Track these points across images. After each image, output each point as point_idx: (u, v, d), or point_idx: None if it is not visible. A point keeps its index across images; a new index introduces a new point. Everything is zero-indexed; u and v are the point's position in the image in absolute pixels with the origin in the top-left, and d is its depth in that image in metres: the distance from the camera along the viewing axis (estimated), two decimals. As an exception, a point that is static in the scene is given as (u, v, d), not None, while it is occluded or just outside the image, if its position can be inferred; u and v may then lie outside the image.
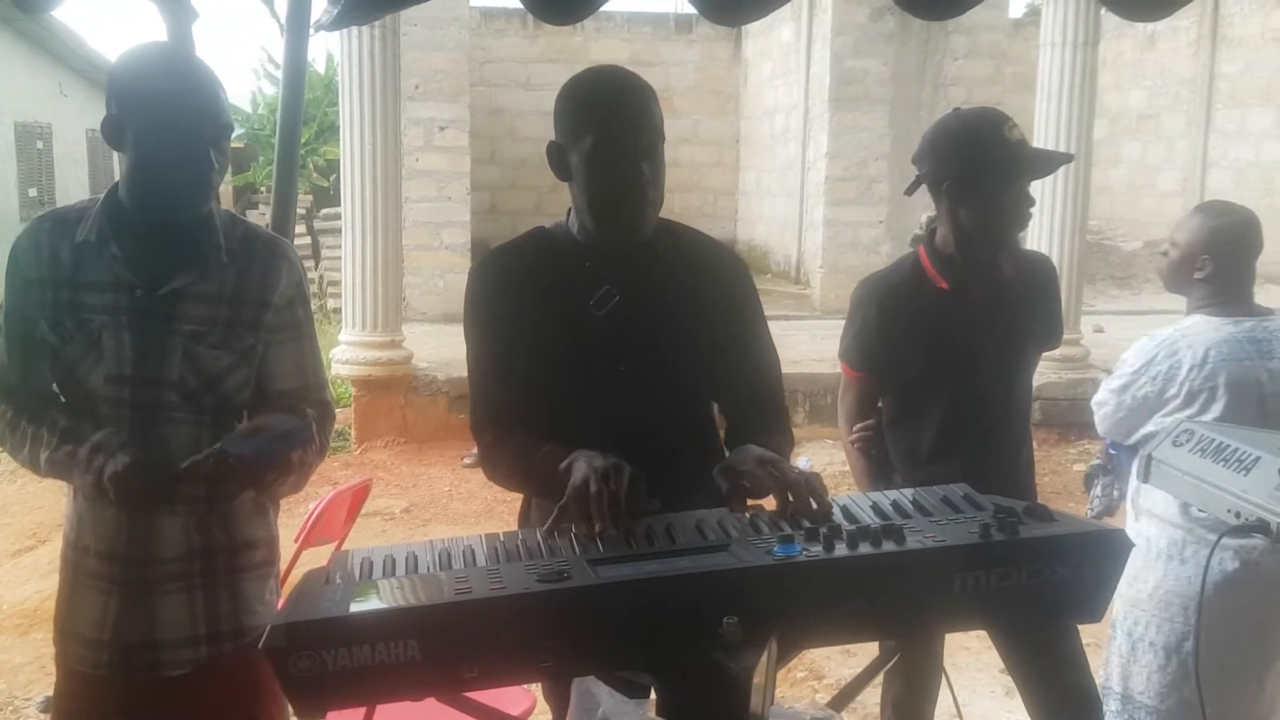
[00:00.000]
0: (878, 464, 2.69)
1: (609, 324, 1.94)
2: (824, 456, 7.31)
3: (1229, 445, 2.10)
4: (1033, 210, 2.53)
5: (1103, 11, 7.49)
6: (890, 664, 1.87)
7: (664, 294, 1.97)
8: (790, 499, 1.69)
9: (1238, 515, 1.97)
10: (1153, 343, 2.85)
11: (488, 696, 1.67)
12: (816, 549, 1.49)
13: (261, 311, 1.96)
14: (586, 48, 13.14)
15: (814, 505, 1.67)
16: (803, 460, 7.40)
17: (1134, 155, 13.98)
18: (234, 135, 2.18)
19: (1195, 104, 12.99)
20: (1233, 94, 12.51)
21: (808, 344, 8.11)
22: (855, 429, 2.71)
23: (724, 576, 1.44)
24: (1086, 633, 2.43)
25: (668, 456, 1.81)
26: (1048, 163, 2.54)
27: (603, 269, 1.96)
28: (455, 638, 1.37)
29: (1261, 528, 1.88)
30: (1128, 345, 2.96)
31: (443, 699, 1.52)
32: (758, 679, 1.34)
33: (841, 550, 1.48)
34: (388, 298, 7.64)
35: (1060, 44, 7.34)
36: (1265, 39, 11.97)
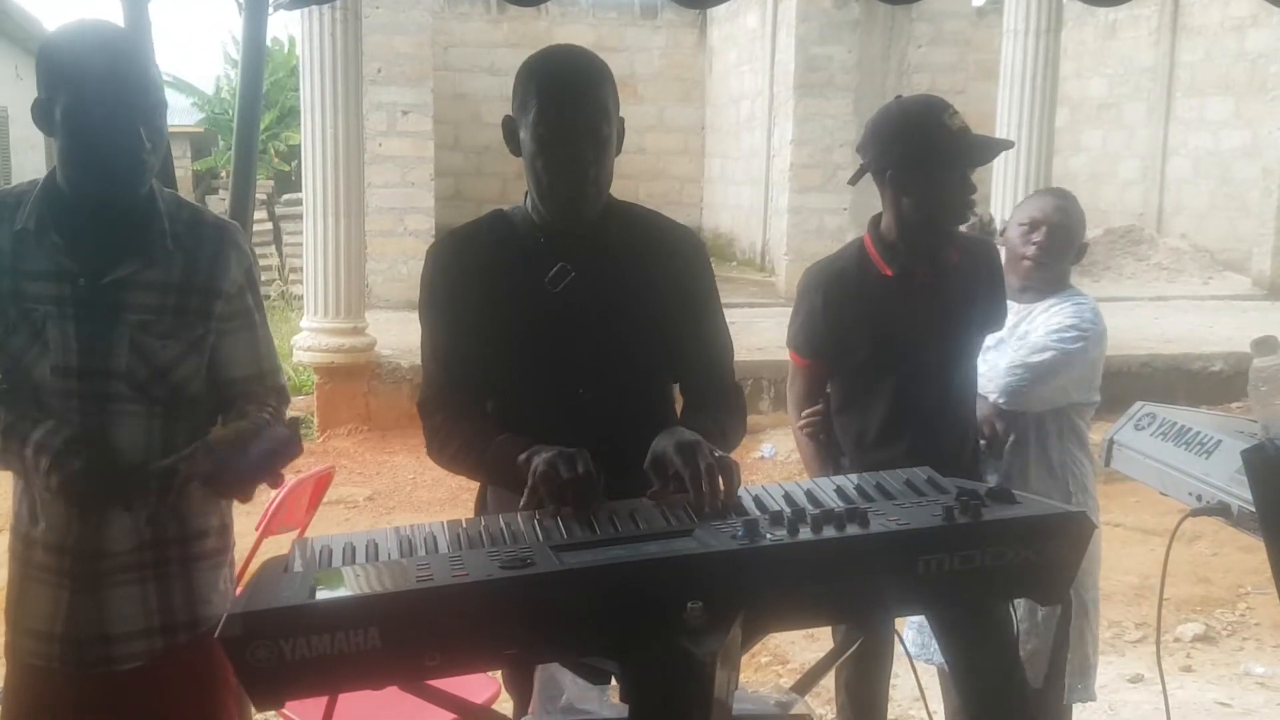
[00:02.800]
0: (826, 449, 2.73)
1: (565, 301, 1.93)
2: (788, 444, 7.32)
3: (1190, 429, 2.13)
4: (975, 198, 2.57)
5: (1064, 0, 7.57)
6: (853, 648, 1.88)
7: (619, 272, 1.96)
8: (696, 484, 1.66)
9: (1199, 498, 1.99)
10: (1089, 308, 2.94)
11: (451, 684, 1.65)
12: (781, 533, 1.48)
13: (212, 300, 1.91)
14: (551, 33, 13.05)
15: (720, 492, 1.65)
16: (766, 447, 7.42)
17: (1095, 143, 14.09)
18: (197, 120, 2.13)
19: (1155, 92, 13.10)
20: (1192, 83, 12.63)
21: (773, 331, 8.09)
22: (804, 415, 2.75)
23: (688, 561, 1.43)
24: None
25: (625, 434, 1.80)
26: (988, 149, 2.56)
27: (558, 246, 1.95)
28: (417, 626, 1.35)
29: (1222, 510, 1.91)
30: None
31: (404, 687, 1.50)
32: (722, 663, 1.33)
33: (806, 534, 1.48)
34: (350, 284, 7.57)
35: (1023, 31, 7.39)
36: (1225, 28, 12.08)
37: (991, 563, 1.49)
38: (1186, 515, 2.00)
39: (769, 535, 1.48)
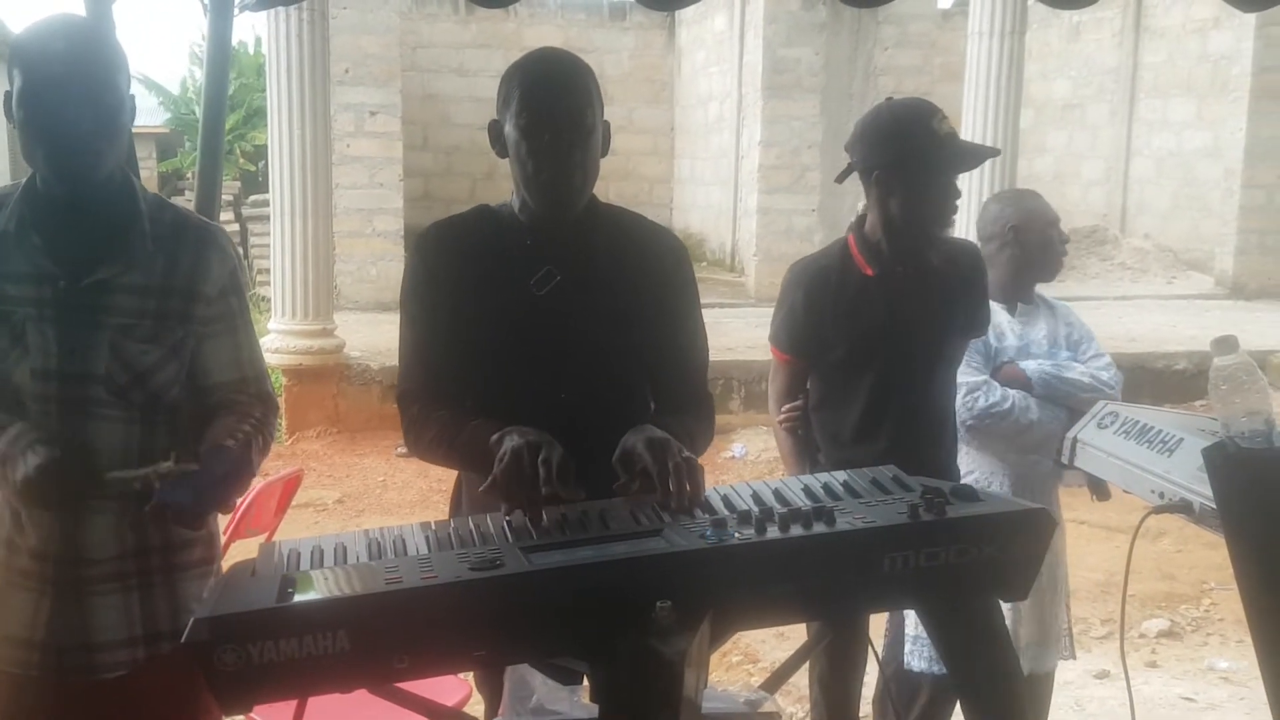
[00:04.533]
0: (804, 444, 2.74)
1: (549, 304, 1.93)
2: (759, 443, 7.36)
3: (1153, 427, 2.15)
4: (959, 203, 2.59)
5: (1030, 1, 7.63)
6: (821, 645, 1.89)
7: (605, 275, 1.97)
8: (664, 481, 1.66)
9: (1161, 495, 2.02)
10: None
11: (421, 686, 1.65)
12: (749, 532, 1.49)
13: (192, 303, 1.88)
14: (520, 34, 13.03)
15: (684, 491, 1.65)
16: (737, 447, 7.45)
17: (1059, 144, 14.23)
18: (163, 121, 2.11)
19: (1119, 94, 13.25)
20: (1155, 84, 12.78)
21: (743, 331, 8.15)
22: (783, 410, 2.76)
23: (657, 561, 1.44)
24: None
25: (605, 436, 1.81)
26: (975, 156, 2.60)
27: (544, 248, 1.95)
28: (386, 628, 1.35)
29: (1185, 508, 1.93)
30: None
31: (374, 690, 1.50)
32: (691, 662, 1.34)
33: (774, 533, 1.49)
34: (318, 285, 7.53)
35: (988, 33, 7.45)
36: (1187, 29, 12.23)
37: (956, 559, 1.51)
38: (1149, 513, 2.02)
39: (737, 534, 1.49)
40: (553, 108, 1.87)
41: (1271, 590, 1.62)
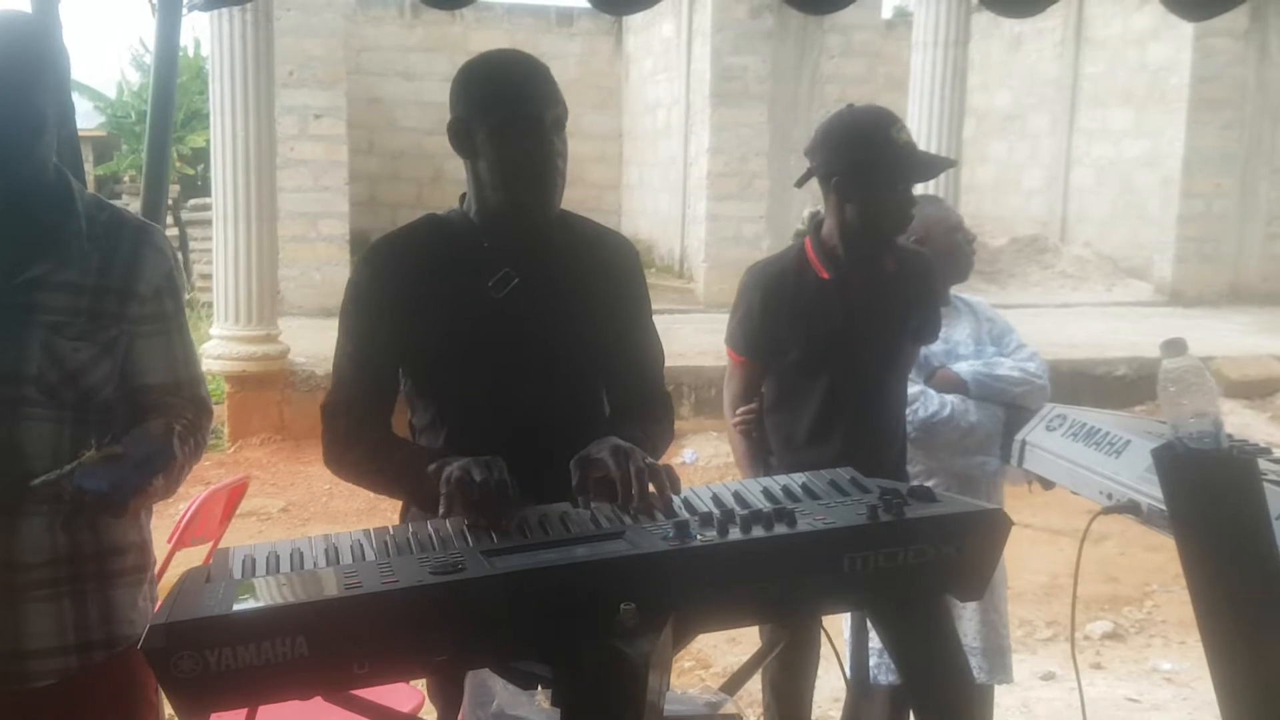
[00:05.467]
0: (758, 447, 2.76)
1: (507, 307, 1.91)
2: (709, 448, 7.38)
3: (1100, 429, 2.18)
4: (915, 212, 2.62)
5: (973, 14, 7.76)
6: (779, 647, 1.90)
7: (562, 279, 1.95)
8: (629, 488, 1.66)
9: (1110, 496, 2.04)
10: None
11: (375, 694, 1.63)
12: (711, 534, 1.49)
13: (126, 302, 1.84)
14: (466, 37, 12.97)
15: (653, 496, 1.66)
16: (688, 453, 7.47)
17: (1001, 154, 14.46)
18: (98, 124, 2.05)
19: (1059, 104, 13.50)
20: (1095, 94, 13.03)
21: (692, 337, 8.17)
22: (738, 412, 2.77)
23: (619, 564, 1.43)
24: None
25: (564, 438, 1.80)
26: (932, 166, 2.64)
27: (502, 251, 1.93)
28: (345, 634, 1.33)
29: (1133, 508, 1.96)
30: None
31: (330, 697, 1.48)
32: (654, 665, 1.34)
33: (736, 534, 1.49)
34: (262, 290, 7.43)
35: (932, 44, 7.57)
36: (1126, 41, 12.48)
37: (915, 560, 1.52)
38: (1098, 513, 2.04)
39: (699, 536, 1.48)
40: (538, 118, 1.85)
41: (1219, 590, 1.65)
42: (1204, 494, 1.63)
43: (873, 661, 2.85)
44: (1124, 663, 4.49)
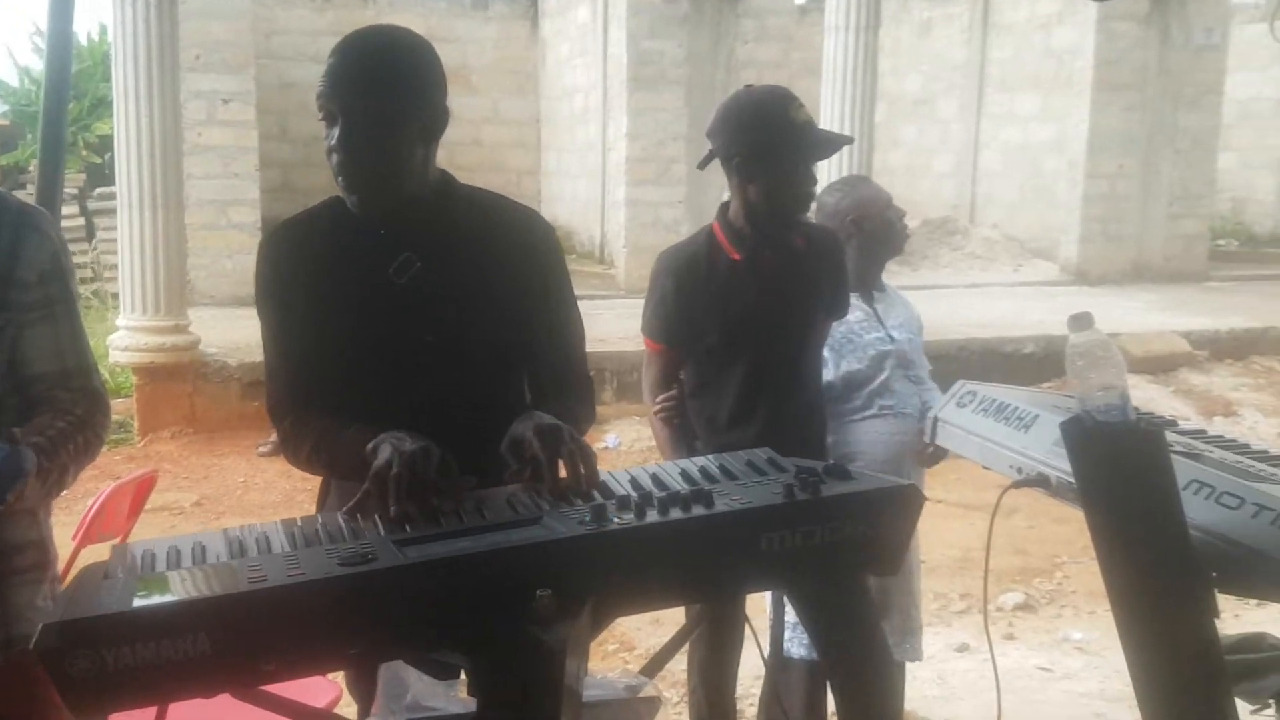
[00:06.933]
0: (681, 433, 2.77)
1: (411, 292, 1.87)
2: (631, 433, 7.38)
3: (1010, 405, 2.22)
4: (816, 189, 2.65)
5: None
6: (698, 629, 1.90)
7: (467, 260, 1.91)
8: (554, 468, 1.65)
9: (1020, 470, 2.08)
10: None
11: (290, 689, 1.59)
12: (629, 517, 1.48)
13: (7, 289, 1.76)
14: (379, 21, 12.72)
15: (580, 477, 1.65)
16: (610, 438, 7.46)
17: (911, 138, 14.67)
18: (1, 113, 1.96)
19: (967, 89, 13.72)
20: (1002, 79, 13.26)
21: (614, 323, 8.16)
22: (659, 400, 2.77)
23: (536, 549, 1.41)
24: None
25: (479, 425, 1.77)
26: (831, 144, 2.66)
27: (400, 235, 1.88)
28: (250, 629, 1.29)
29: (1042, 481, 1.99)
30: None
31: (238, 695, 1.44)
32: (572, 650, 1.32)
33: (653, 516, 1.49)
34: (170, 279, 7.22)
35: (844, 28, 7.64)
36: (1032, 25, 12.72)
37: (831, 537, 1.53)
38: (1009, 487, 2.08)
39: (616, 520, 1.47)
40: (350, 99, 1.79)
41: (1129, 560, 1.68)
42: (1112, 466, 1.65)
43: (787, 635, 2.88)
44: (1036, 633, 4.59)
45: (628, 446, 7.22)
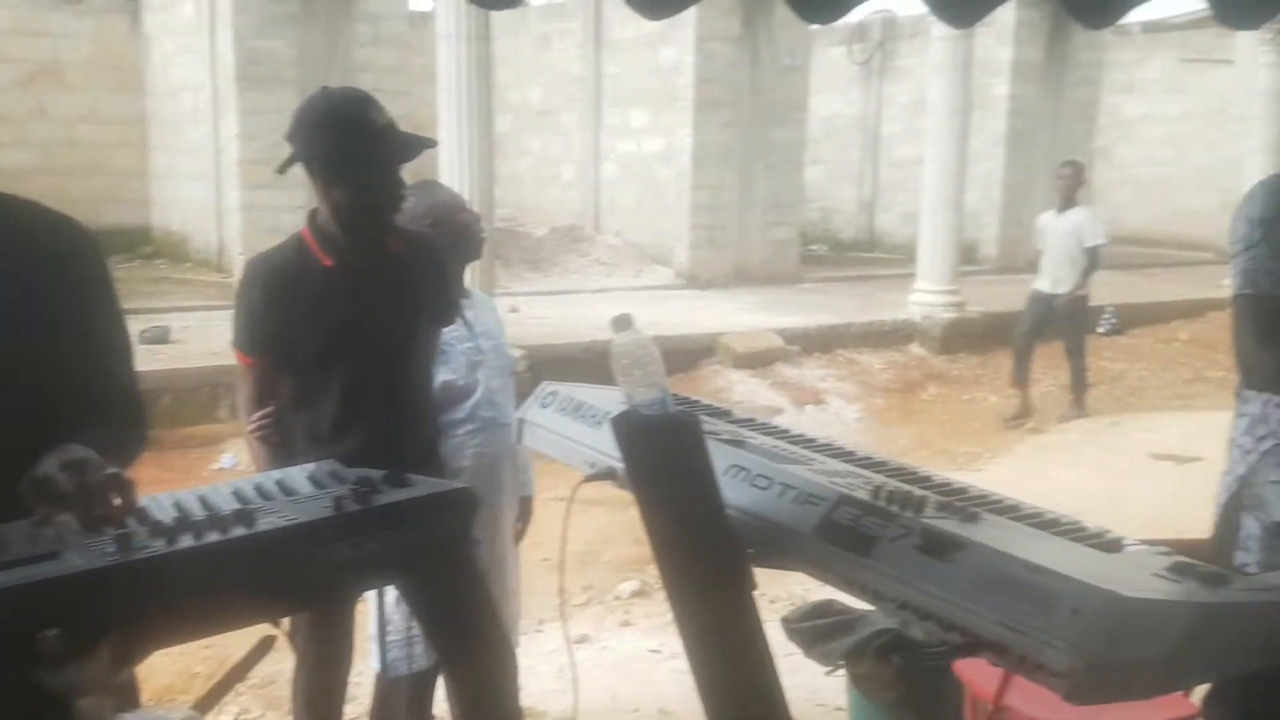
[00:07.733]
0: (280, 451, 2.64)
1: None
2: (248, 453, 7.04)
3: (585, 403, 2.32)
4: (405, 193, 2.61)
5: (494, 12, 7.96)
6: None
7: None
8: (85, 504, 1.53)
9: (592, 465, 2.18)
10: None
11: None
12: (159, 543, 1.41)
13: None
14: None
15: (110, 510, 1.53)
16: (227, 458, 7.07)
17: (537, 148, 15.05)
18: None
19: (586, 101, 14.24)
20: (617, 94, 13.87)
21: (230, 335, 7.73)
22: (254, 419, 2.64)
23: (46, 586, 1.30)
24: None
25: (21, 459, 1.59)
26: (411, 147, 2.61)
27: None
28: None
29: (610, 474, 2.10)
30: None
31: None
32: (91, 691, 1.24)
33: (187, 541, 1.42)
34: None
35: (455, 37, 7.68)
36: (640, 43, 13.38)
37: (383, 545, 1.53)
38: (582, 481, 2.17)
39: (146, 548, 1.39)
40: None
41: (673, 539, 1.80)
42: (653, 454, 1.77)
43: (392, 655, 2.84)
44: (649, 617, 4.82)
45: (245, 466, 6.87)
